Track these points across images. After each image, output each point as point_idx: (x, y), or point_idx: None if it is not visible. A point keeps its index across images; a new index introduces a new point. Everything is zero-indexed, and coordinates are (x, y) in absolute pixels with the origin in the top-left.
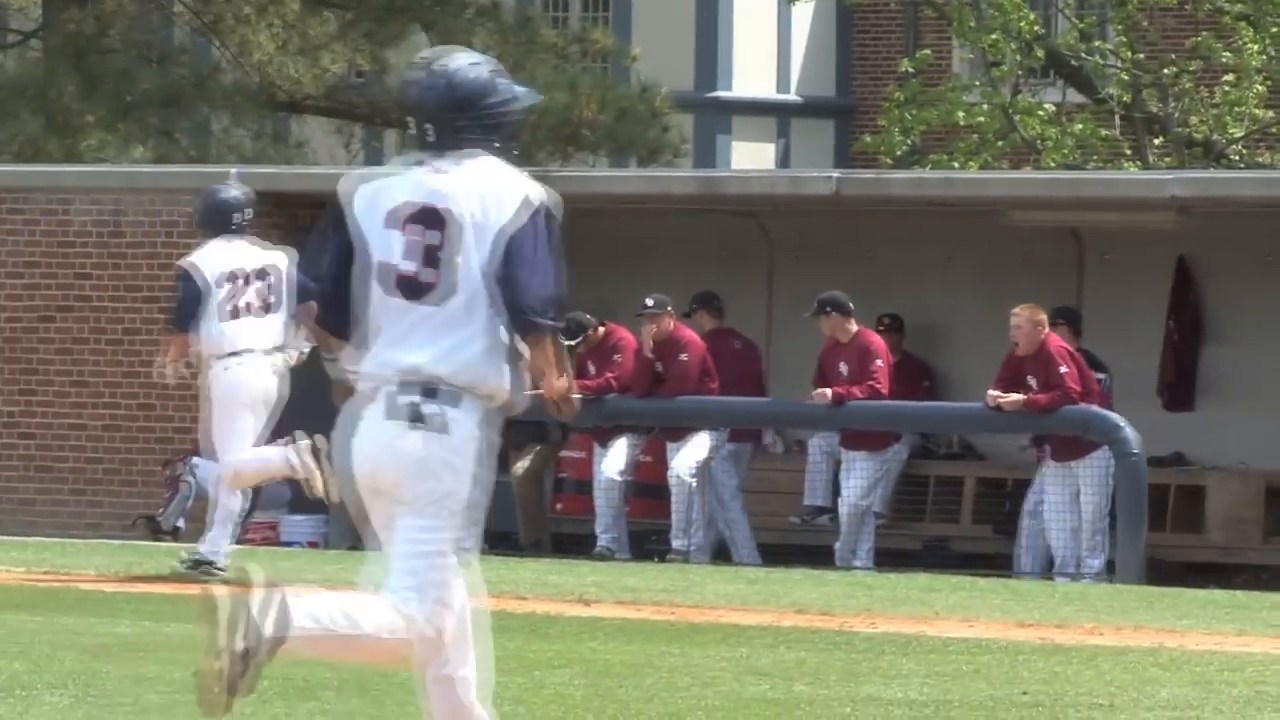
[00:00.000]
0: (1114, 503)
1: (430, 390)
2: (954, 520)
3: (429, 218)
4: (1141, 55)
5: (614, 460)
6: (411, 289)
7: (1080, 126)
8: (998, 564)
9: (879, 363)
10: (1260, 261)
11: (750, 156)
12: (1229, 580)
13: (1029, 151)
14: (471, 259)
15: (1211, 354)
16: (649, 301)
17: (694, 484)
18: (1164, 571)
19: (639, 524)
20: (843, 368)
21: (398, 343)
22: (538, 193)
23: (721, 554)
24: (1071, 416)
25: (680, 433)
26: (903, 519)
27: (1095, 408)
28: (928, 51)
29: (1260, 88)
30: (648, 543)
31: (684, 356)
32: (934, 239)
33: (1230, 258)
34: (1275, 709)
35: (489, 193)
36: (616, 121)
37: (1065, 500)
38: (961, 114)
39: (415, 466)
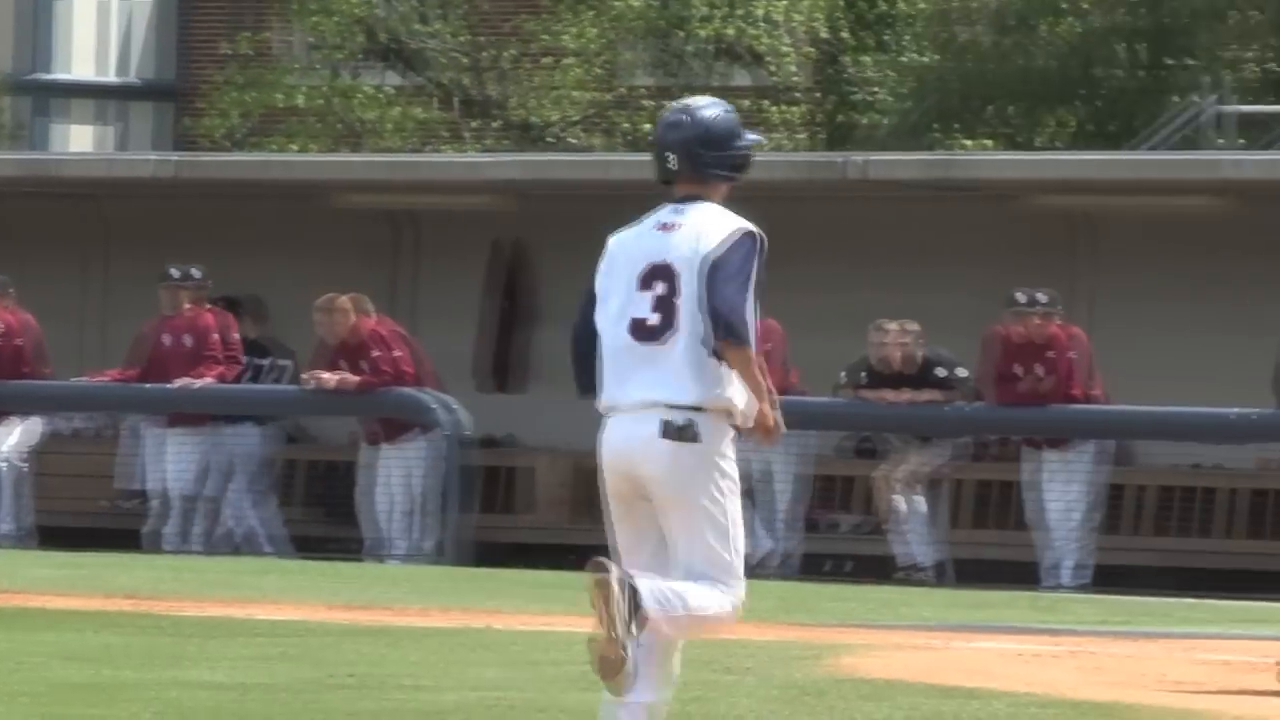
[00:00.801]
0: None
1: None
2: (287, 503)
3: (659, 273)
4: (471, 38)
5: None
6: (642, 332)
7: (417, 110)
8: (329, 547)
9: (215, 338)
10: (590, 244)
11: (87, 139)
12: (552, 560)
13: (362, 135)
14: (687, 300)
15: (542, 336)
16: None
17: (24, 469)
18: (492, 552)
19: None
20: (186, 340)
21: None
22: (746, 226)
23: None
24: (392, 399)
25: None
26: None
27: (415, 390)
28: (249, 34)
29: (580, 71)
30: None
31: (18, 340)
32: (268, 221)
33: (560, 240)
34: (590, 690)
35: (701, 233)
36: None
37: (393, 481)
38: (281, 96)
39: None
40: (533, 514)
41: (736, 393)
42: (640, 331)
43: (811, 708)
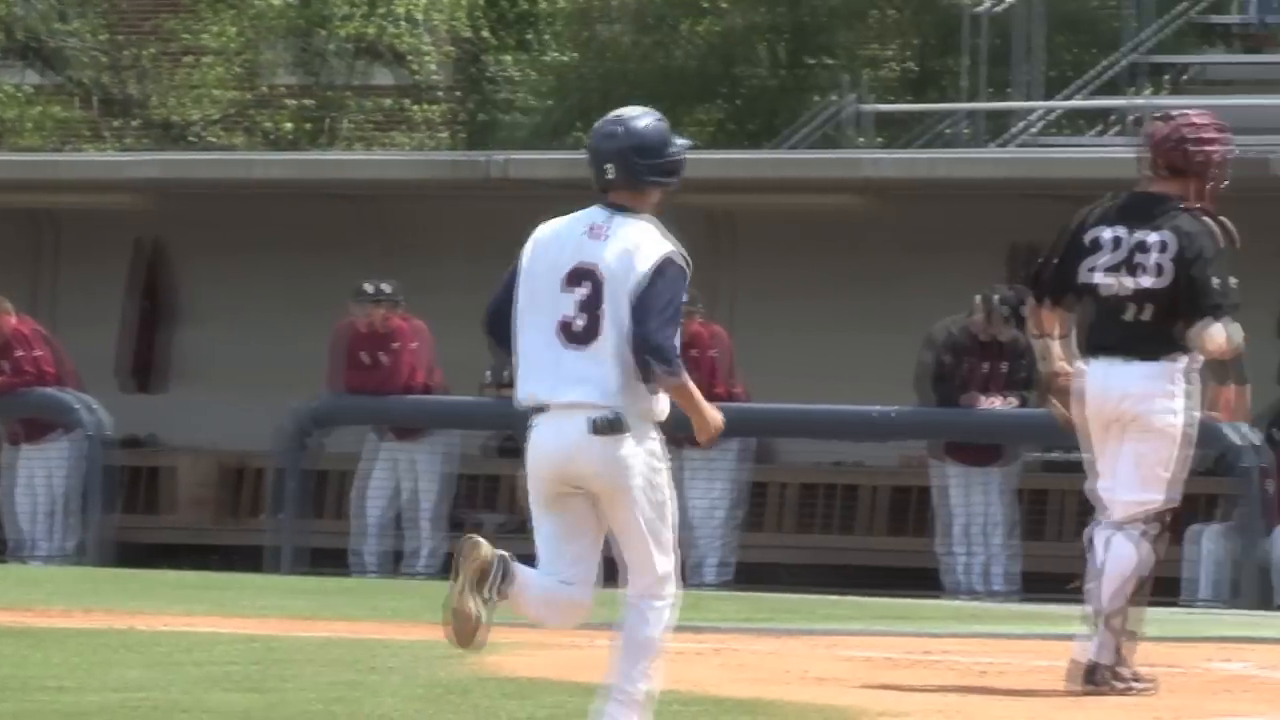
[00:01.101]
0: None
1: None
2: None
3: (584, 275)
4: (110, 37)
5: None
6: (570, 334)
7: (57, 109)
8: None
9: None
10: (231, 243)
11: None
12: (195, 560)
13: (1, 134)
14: (612, 309)
15: (184, 335)
16: None
17: None
18: (135, 552)
19: None
20: None
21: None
22: (673, 252)
23: None
24: (34, 399)
25: None
26: None
27: (57, 390)
28: None
29: (220, 70)
30: None
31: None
32: None
33: (201, 239)
34: (234, 690)
35: (633, 253)
36: None
37: (35, 481)
38: None
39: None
40: (175, 514)
41: (661, 402)
42: (568, 334)
43: (456, 706)
